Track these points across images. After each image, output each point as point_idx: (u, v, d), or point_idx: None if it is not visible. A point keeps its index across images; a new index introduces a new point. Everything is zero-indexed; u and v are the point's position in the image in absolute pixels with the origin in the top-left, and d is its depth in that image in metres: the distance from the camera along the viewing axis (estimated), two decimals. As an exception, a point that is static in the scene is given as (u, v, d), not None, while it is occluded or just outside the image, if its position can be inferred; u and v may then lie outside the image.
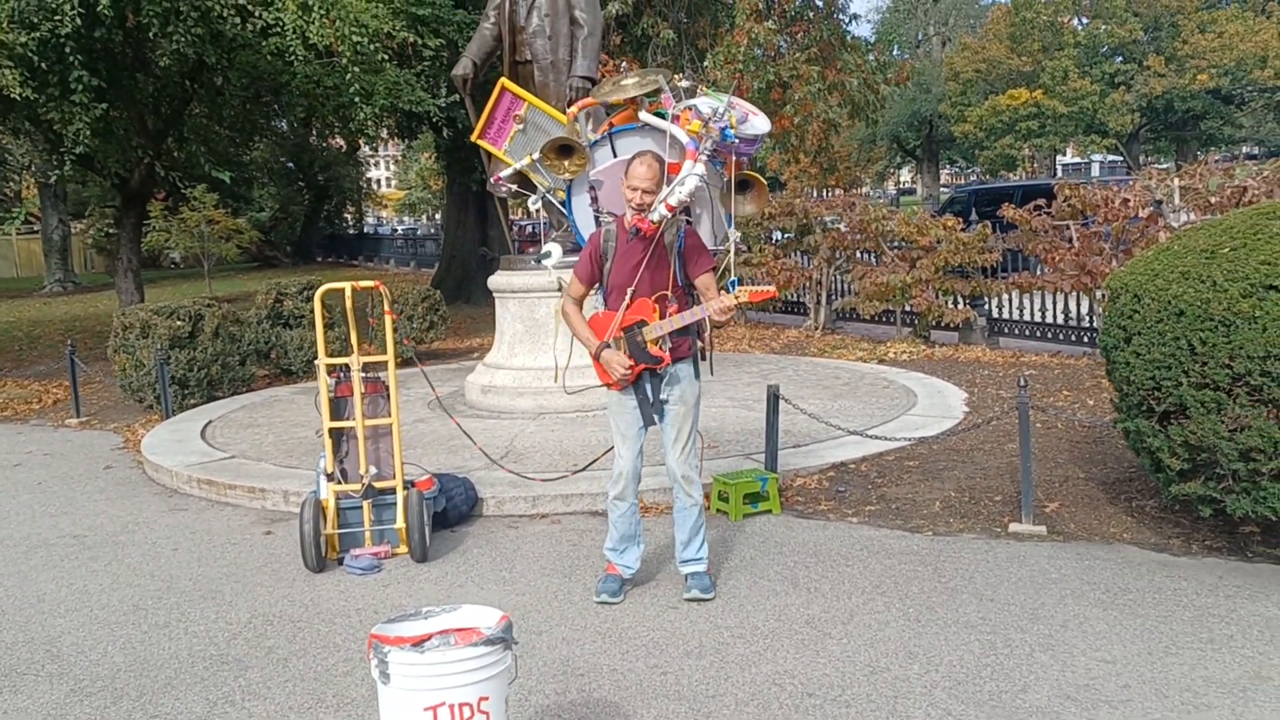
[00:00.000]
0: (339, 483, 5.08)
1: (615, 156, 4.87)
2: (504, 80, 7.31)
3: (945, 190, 50.71)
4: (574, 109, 5.59)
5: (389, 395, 5.16)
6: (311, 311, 9.96)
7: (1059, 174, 53.15)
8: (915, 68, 23.14)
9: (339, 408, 5.15)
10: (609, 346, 4.22)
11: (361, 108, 11.42)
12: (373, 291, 5.26)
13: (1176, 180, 8.57)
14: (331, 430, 5.09)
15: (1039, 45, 42.37)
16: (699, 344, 4.39)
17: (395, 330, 5.22)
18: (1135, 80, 39.95)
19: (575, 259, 4.56)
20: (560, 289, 4.91)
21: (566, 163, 5.17)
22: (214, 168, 15.09)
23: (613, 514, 4.41)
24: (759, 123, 4.77)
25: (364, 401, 5.10)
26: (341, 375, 5.17)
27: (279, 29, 10.50)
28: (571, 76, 7.81)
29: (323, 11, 10.21)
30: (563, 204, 5.40)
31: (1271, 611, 3.94)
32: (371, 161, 61.89)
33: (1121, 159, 47.96)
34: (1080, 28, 42.84)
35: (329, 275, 28.50)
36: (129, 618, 4.48)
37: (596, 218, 4.84)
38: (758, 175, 4.83)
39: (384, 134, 19.62)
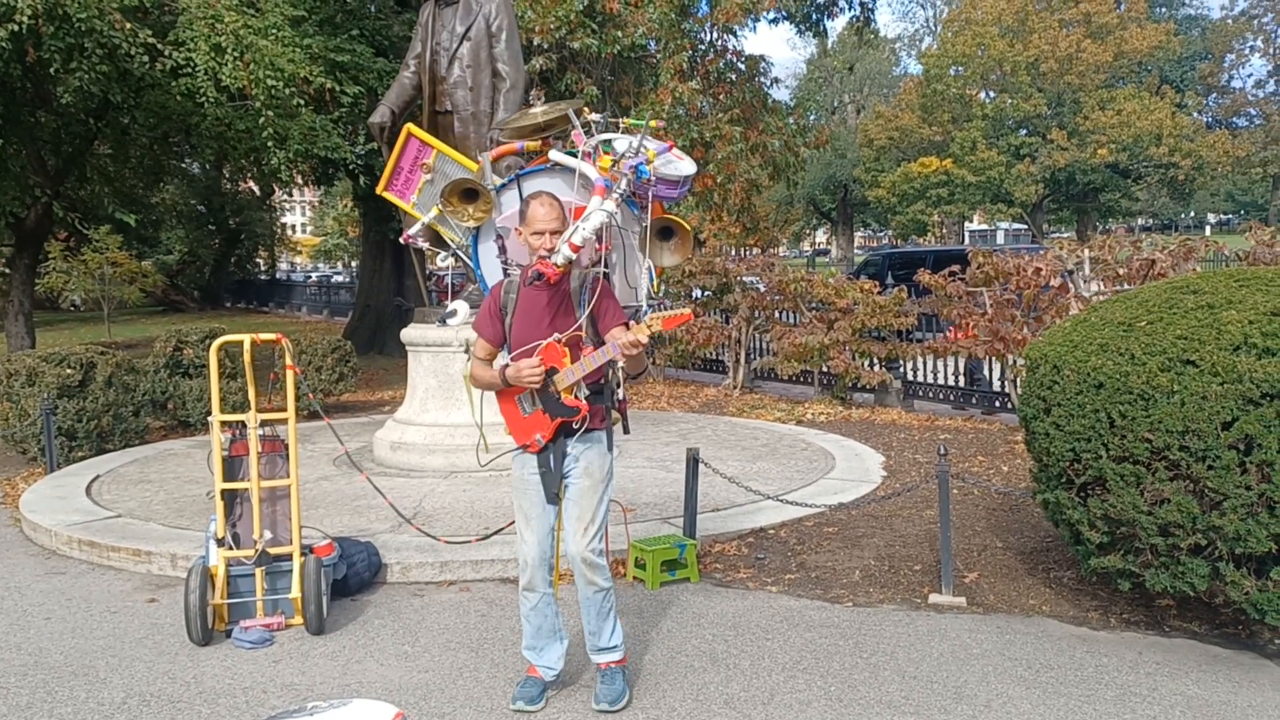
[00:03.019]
0: (230, 548, 4.75)
1: (523, 200, 4.35)
2: (409, 126, 6.91)
3: (860, 252, 51.91)
4: (491, 154, 5.31)
5: (288, 454, 4.87)
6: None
7: (966, 240, 54.93)
8: (832, 133, 23.71)
9: (233, 467, 4.83)
10: (512, 363, 3.69)
11: (275, 152, 11.10)
12: (274, 344, 4.98)
13: (1086, 251, 8.77)
14: (224, 492, 4.77)
15: (949, 116, 43.90)
16: (614, 411, 3.92)
17: (298, 385, 4.94)
18: (1039, 152, 41.58)
19: None
20: (467, 351, 4.41)
21: (471, 208, 4.78)
22: (118, 209, 14.55)
23: (523, 607, 3.88)
24: (683, 165, 4.31)
25: (261, 461, 4.80)
26: (237, 432, 4.87)
27: (190, 70, 10.17)
28: (492, 129, 7.68)
29: (236, 54, 9.93)
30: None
31: (1193, 690, 3.89)
32: (287, 206, 60.90)
33: (1026, 227, 49.78)
34: (988, 101, 44.51)
35: (236, 322, 27.71)
36: (-14, 698, 4.07)
37: (505, 269, 4.41)
38: (681, 221, 4.33)
39: (299, 179, 19.21)
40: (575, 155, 4.31)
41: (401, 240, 6.38)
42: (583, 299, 3.71)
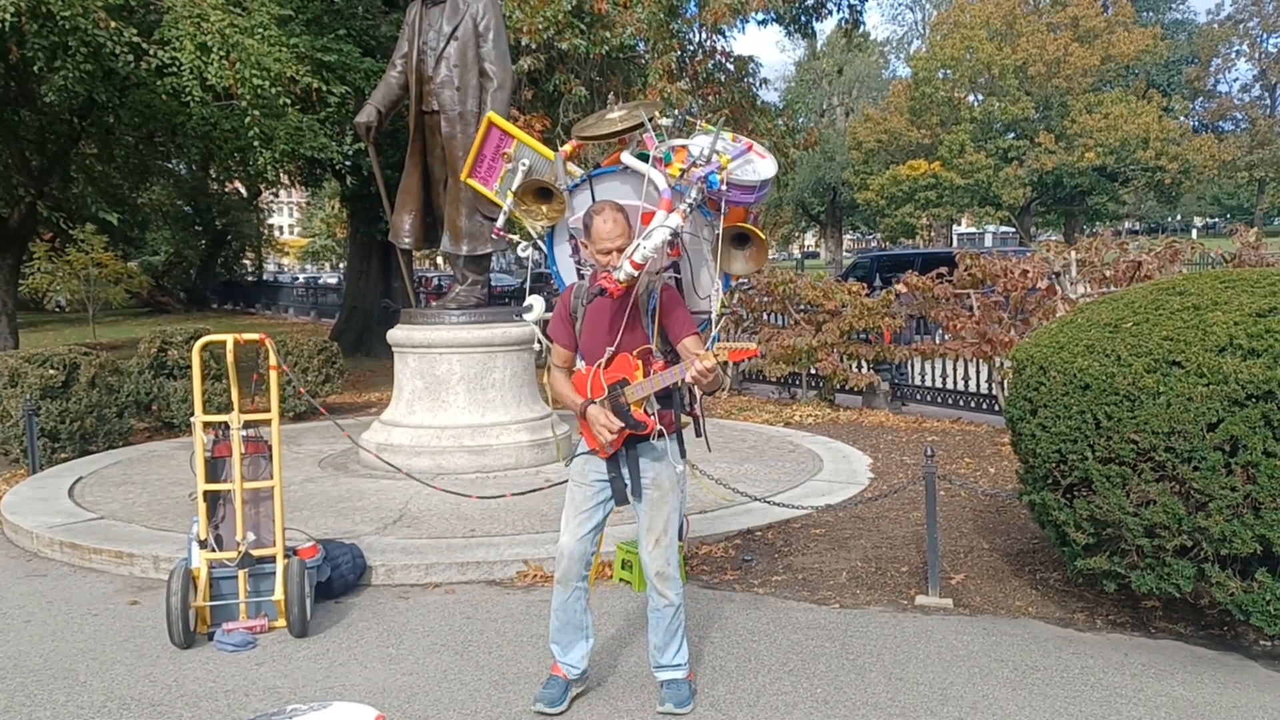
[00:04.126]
0: (213, 550, 4.71)
1: (594, 202, 4.20)
2: (491, 114, 6.86)
3: (848, 255, 52.00)
4: (565, 149, 5.20)
5: (272, 455, 4.83)
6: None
7: (955, 243, 55.05)
8: (821, 135, 23.61)
9: (216, 468, 4.79)
10: (594, 403, 3.69)
11: (261, 152, 11.04)
12: (259, 345, 4.95)
13: (1073, 253, 8.79)
14: (207, 493, 4.73)
15: (937, 119, 43.97)
16: (684, 418, 3.86)
17: (282, 386, 4.90)
18: (1027, 156, 41.66)
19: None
20: (543, 352, 4.22)
21: (545, 208, 4.67)
22: (102, 209, 14.46)
23: (555, 599, 3.84)
24: (763, 167, 4.14)
25: (244, 462, 4.76)
26: (220, 433, 4.83)
27: (175, 69, 10.11)
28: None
29: (223, 53, 9.88)
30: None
31: (1178, 691, 3.89)
32: (274, 207, 60.70)
33: (1014, 230, 49.93)
34: (976, 104, 44.63)
35: (223, 323, 27.59)
36: (-36, 702, 4.02)
37: (579, 270, 4.34)
38: (756, 230, 4.17)
39: (285, 180, 19.13)
40: (646, 159, 4.16)
41: (493, 235, 6.26)
42: (650, 308, 3.68)
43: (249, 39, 10.02)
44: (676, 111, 4.36)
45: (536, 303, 5.17)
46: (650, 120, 4.25)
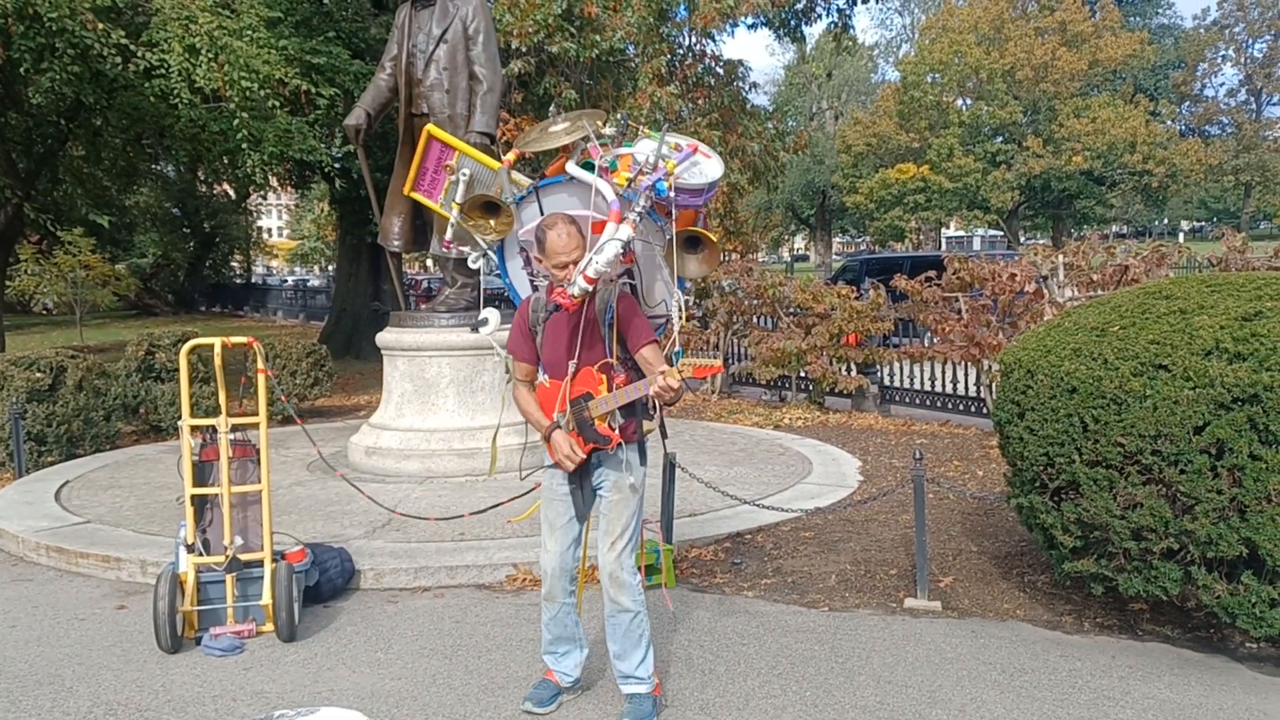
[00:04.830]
0: (200, 554, 4.69)
1: (543, 214, 4.17)
2: (430, 127, 6.79)
3: (838, 258, 52.10)
4: (508, 158, 5.15)
5: (259, 459, 4.82)
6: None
7: (943, 246, 55.19)
8: (810, 139, 23.62)
9: (204, 472, 4.77)
10: (559, 427, 3.72)
11: (249, 154, 11.02)
12: (247, 348, 4.93)
13: (1061, 257, 8.83)
14: (194, 497, 4.71)
15: (926, 123, 44.14)
16: (645, 426, 3.85)
17: (271, 389, 4.88)
18: (1015, 160, 41.85)
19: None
20: (499, 356, 4.21)
21: (493, 222, 4.67)
22: (91, 211, 14.41)
23: (543, 615, 3.88)
24: (709, 168, 4.12)
25: (231, 466, 4.75)
26: (208, 437, 4.81)
27: (164, 71, 10.08)
28: (469, 132, 7.63)
29: (211, 55, 9.85)
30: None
31: (1165, 694, 3.91)
32: (263, 210, 60.48)
33: (1002, 234, 50.11)
34: (964, 108, 44.79)
35: (211, 326, 27.50)
36: (-52, 708, 4.00)
37: (533, 282, 4.33)
38: (706, 233, 4.14)
39: (274, 182, 19.08)
40: (592, 168, 4.13)
41: (442, 248, 6.24)
42: (607, 319, 3.69)
43: (237, 41, 10.00)
44: (616, 126, 4.28)
45: (492, 315, 5.12)
46: (594, 130, 4.20)
